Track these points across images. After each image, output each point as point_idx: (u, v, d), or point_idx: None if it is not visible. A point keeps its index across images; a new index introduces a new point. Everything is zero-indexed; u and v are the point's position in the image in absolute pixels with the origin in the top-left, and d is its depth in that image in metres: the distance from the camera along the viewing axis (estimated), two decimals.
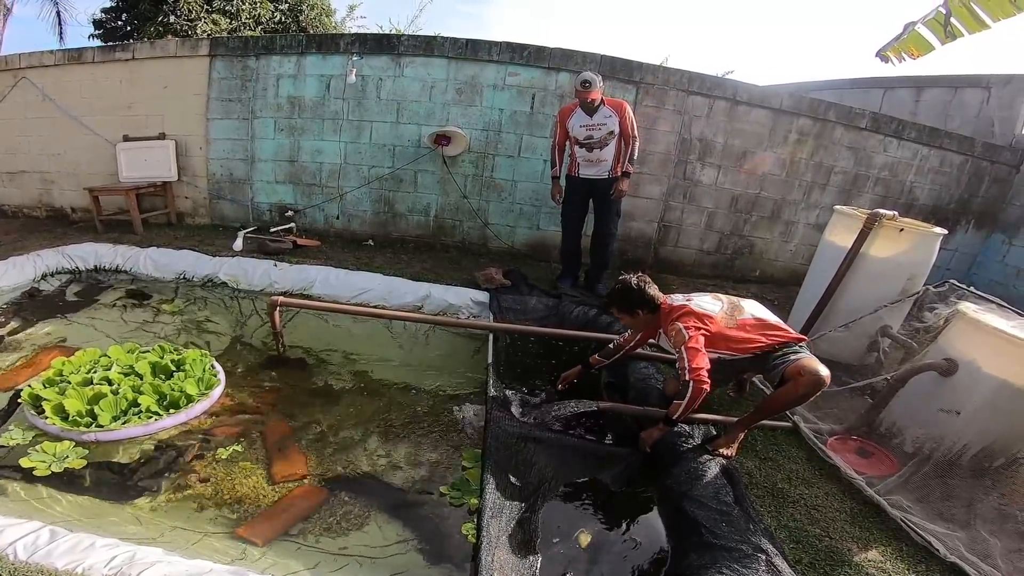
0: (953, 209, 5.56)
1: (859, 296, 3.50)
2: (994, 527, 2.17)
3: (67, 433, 2.44)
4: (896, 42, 2.74)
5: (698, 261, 5.49)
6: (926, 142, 5.27)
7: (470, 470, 2.45)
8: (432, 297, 4.13)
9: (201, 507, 2.14)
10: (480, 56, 4.81)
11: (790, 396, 2.27)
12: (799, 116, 5.02)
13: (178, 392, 2.72)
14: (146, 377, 2.81)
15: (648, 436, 2.44)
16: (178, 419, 2.63)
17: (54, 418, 2.47)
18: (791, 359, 2.31)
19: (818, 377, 2.19)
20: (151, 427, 2.55)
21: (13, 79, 5.48)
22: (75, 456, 2.32)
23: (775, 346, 2.39)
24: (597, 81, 3.83)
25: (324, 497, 2.24)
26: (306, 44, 5.03)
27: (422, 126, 5.04)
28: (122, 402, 2.59)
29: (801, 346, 2.41)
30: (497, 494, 2.07)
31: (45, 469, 2.23)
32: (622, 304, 2.55)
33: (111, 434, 2.47)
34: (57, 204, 5.92)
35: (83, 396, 2.56)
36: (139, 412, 2.59)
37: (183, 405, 2.68)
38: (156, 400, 2.66)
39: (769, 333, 2.41)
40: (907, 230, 3.39)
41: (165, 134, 5.39)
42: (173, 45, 5.26)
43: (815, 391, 2.22)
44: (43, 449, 2.33)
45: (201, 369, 2.93)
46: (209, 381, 2.90)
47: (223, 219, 5.65)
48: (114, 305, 4.00)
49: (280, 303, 3.47)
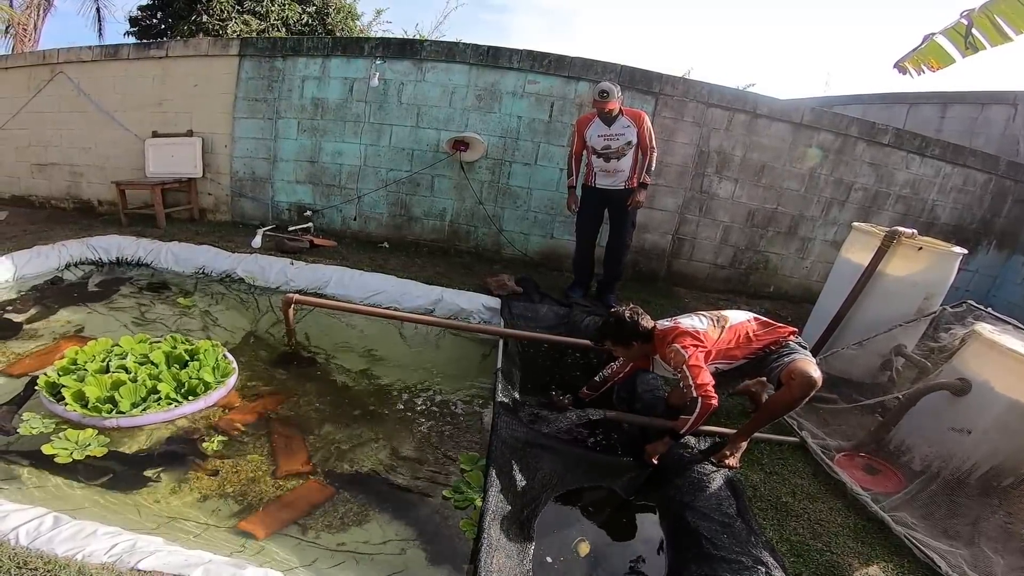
0: (975, 229, 5.46)
1: (874, 314, 3.46)
2: (998, 545, 2.15)
3: (88, 419, 2.45)
4: (915, 53, 2.70)
5: (711, 275, 5.46)
6: (950, 160, 5.18)
7: (469, 473, 2.46)
8: (444, 301, 4.16)
9: (206, 498, 2.17)
10: (501, 63, 4.87)
11: (785, 401, 2.31)
12: (820, 131, 4.98)
13: (196, 380, 2.77)
14: (161, 365, 2.86)
15: (653, 449, 2.45)
16: (197, 406, 2.67)
17: (74, 405, 2.49)
18: (784, 361, 2.33)
19: (809, 379, 2.23)
20: (172, 413, 2.59)
21: (51, 73, 5.66)
22: (97, 444, 2.36)
23: (768, 347, 2.42)
24: (616, 91, 3.82)
25: (327, 494, 2.25)
26: (331, 47, 5.14)
27: (441, 131, 5.10)
28: (141, 389, 2.63)
29: (793, 343, 2.43)
30: (500, 498, 2.08)
31: (67, 456, 2.26)
32: (618, 338, 2.52)
33: (133, 420, 2.50)
34: (84, 196, 6.09)
35: (102, 383, 2.60)
36: (159, 399, 2.62)
37: (201, 392, 2.73)
38: (174, 387, 2.71)
39: (759, 334, 2.45)
40: (925, 249, 3.35)
41: (192, 131, 5.52)
42: (205, 44, 5.40)
43: (808, 393, 2.26)
44: (66, 436, 2.36)
45: (214, 358, 2.98)
46: (225, 369, 2.96)
47: (243, 217, 5.76)
48: (134, 296, 4.09)
49: (295, 300, 3.52)
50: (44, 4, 12.68)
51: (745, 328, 2.49)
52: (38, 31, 12.76)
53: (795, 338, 2.46)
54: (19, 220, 5.47)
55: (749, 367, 2.52)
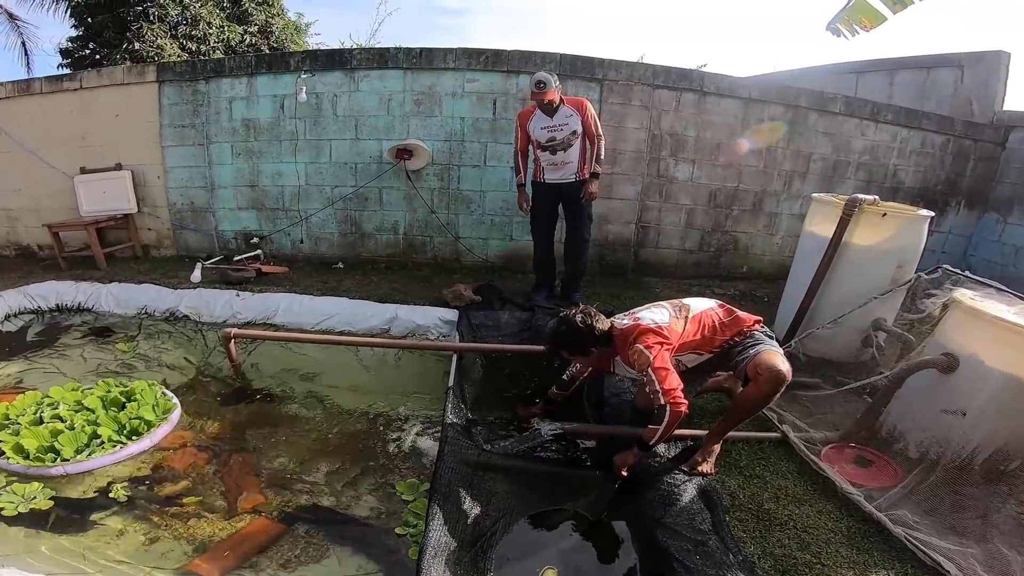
0: (941, 190, 5.41)
1: (847, 289, 3.29)
2: (1014, 539, 1.91)
3: (33, 470, 2.40)
4: (844, 12, 2.56)
5: (681, 261, 5.29)
6: (904, 123, 5.14)
7: (413, 502, 2.30)
8: (399, 319, 3.94)
9: (153, 541, 2.09)
10: (436, 65, 4.65)
11: (753, 398, 2.12)
12: (769, 104, 4.88)
13: (137, 419, 2.70)
14: (98, 410, 2.76)
15: (623, 461, 2.20)
16: (142, 445, 2.63)
17: (16, 457, 2.43)
18: (750, 354, 2.14)
19: (776, 373, 2.03)
20: (118, 455, 2.54)
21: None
22: (43, 497, 2.30)
23: (733, 338, 2.24)
24: (552, 81, 3.64)
25: (282, 530, 2.16)
26: (256, 64, 4.88)
27: (382, 141, 4.85)
28: (81, 436, 2.56)
29: (759, 333, 2.25)
30: (443, 531, 1.84)
31: (13, 510, 2.21)
32: (573, 347, 2.29)
33: (79, 466, 2.45)
34: (24, 242, 5.72)
35: (39, 435, 2.53)
36: (101, 443, 2.56)
37: (144, 431, 2.67)
38: (116, 430, 2.64)
39: (724, 323, 2.27)
40: (890, 214, 3.20)
41: (121, 164, 5.19)
42: (120, 72, 5.10)
43: (778, 388, 2.06)
44: (13, 491, 2.30)
45: (153, 397, 2.90)
46: (166, 406, 2.87)
47: (188, 250, 5.45)
48: (76, 344, 3.89)
49: (234, 335, 3.38)
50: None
51: (710, 317, 2.29)
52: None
53: (760, 327, 2.27)
54: None
55: (715, 361, 2.32)
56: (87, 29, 10.69)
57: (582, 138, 3.79)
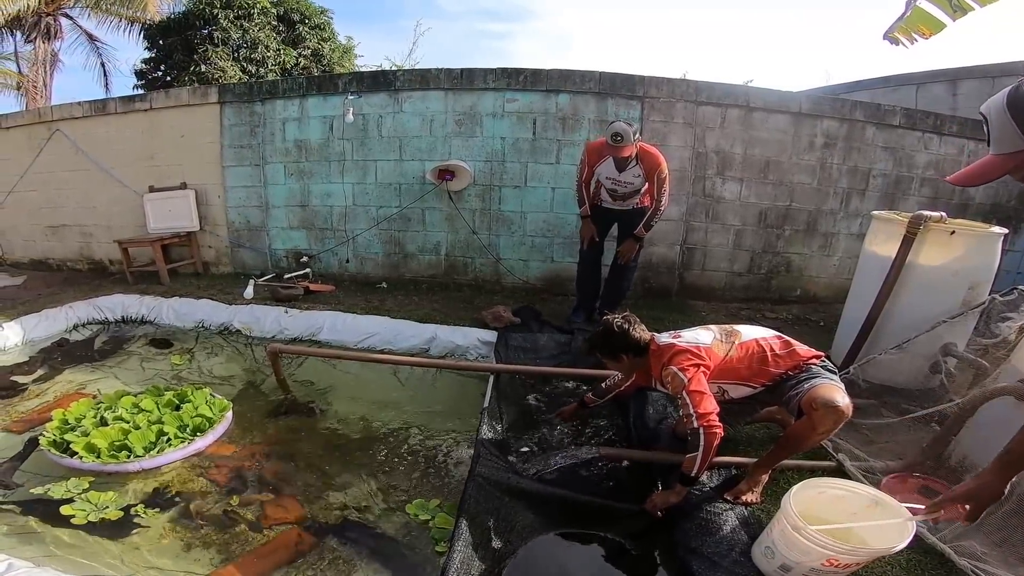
0: (1014, 206, 5.01)
1: (913, 312, 3.06)
2: None
3: (111, 466, 2.49)
4: (902, 21, 2.43)
5: (729, 284, 5.09)
6: (971, 136, 4.80)
7: (435, 520, 2.29)
8: (438, 339, 3.98)
9: (190, 547, 2.13)
10: (476, 85, 4.72)
11: (809, 433, 1.94)
12: (822, 118, 4.67)
13: (199, 417, 2.83)
14: (155, 412, 2.88)
15: (663, 501, 2.07)
16: (207, 441, 2.77)
17: (89, 456, 2.50)
18: (804, 388, 1.96)
19: (834, 408, 1.85)
20: (189, 449, 2.68)
21: (48, 131, 5.76)
22: (114, 507, 2.32)
23: (788, 371, 2.07)
24: (630, 133, 3.35)
25: (312, 542, 2.18)
26: (307, 86, 5.09)
27: (425, 161, 4.95)
28: (148, 434, 2.66)
29: (816, 367, 2.08)
30: (469, 550, 1.79)
31: (83, 518, 2.24)
32: (604, 349, 2.26)
33: (155, 460, 2.56)
34: (96, 257, 6.15)
35: (107, 434, 2.62)
36: (168, 440, 2.66)
37: (206, 428, 2.80)
38: (179, 427, 2.75)
39: (778, 356, 2.10)
40: (960, 232, 2.96)
41: (186, 183, 5.50)
42: (185, 93, 5.43)
43: (835, 424, 1.89)
44: (88, 499, 2.35)
45: (204, 398, 3.03)
46: (220, 405, 3.00)
47: (244, 267, 5.70)
48: (137, 353, 4.12)
49: (279, 351, 3.45)
50: (51, 60, 12.92)
51: (762, 346, 2.14)
52: (48, 88, 12.96)
53: (820, 361, 2.11)
54: (36, 284, 5.59)
55: (766, 394, 2.17)
56: (159, 51, 11.36)
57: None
